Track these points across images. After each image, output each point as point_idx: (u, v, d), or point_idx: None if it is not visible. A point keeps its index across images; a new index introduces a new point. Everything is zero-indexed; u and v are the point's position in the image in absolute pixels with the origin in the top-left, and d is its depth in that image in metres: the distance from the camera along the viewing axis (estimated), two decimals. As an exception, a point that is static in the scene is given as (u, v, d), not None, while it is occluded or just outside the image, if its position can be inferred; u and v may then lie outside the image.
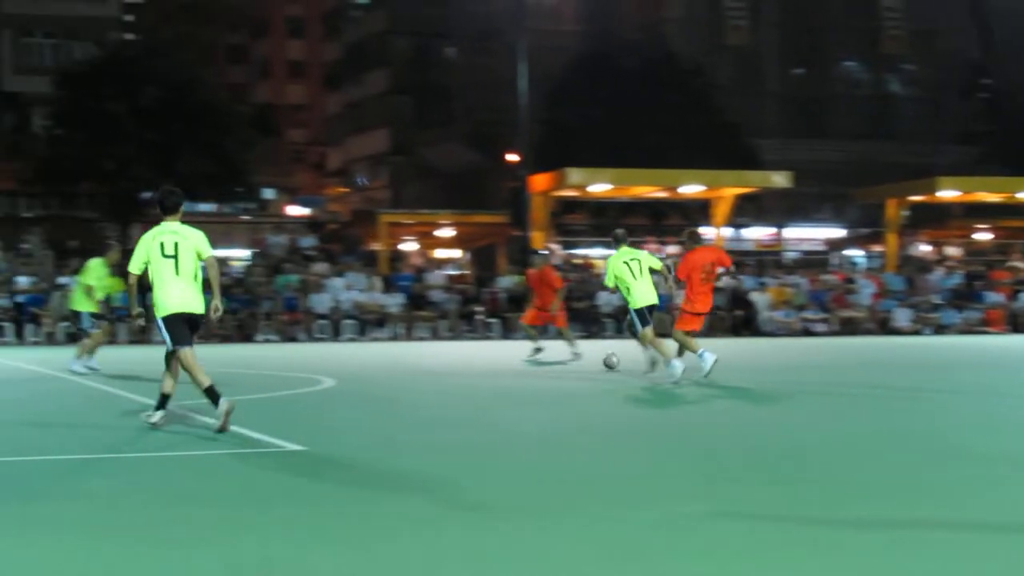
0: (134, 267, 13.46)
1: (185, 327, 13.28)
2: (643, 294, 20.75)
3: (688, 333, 20.56)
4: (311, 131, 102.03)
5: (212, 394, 12.99)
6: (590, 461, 11.42)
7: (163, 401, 13.49)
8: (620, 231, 22.03)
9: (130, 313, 13.98)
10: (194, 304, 13.31)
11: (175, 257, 13.18)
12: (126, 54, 52.61)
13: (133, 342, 39.16)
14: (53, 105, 53.40)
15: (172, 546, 7.48)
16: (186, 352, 13.25)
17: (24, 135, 61.75)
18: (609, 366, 22.94)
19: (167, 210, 13.50)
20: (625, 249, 21.24)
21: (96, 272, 24.03)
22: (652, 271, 20.95)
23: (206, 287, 13.46)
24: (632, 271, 20.73)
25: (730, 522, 8.09)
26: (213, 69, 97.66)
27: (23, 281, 40.28)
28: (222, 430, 12.70)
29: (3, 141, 62.35)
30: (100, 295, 24.13)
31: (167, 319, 13.23)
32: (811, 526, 8.03)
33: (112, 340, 38.53)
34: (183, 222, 13.52)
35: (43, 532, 7.91)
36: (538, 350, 27.47)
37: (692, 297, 20.53)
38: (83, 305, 24.02)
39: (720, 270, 21.17)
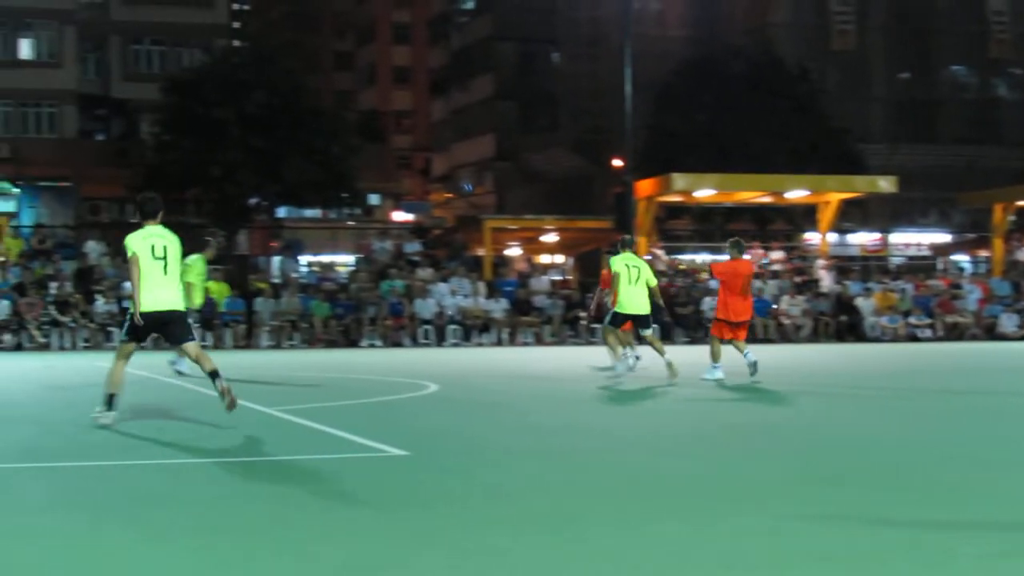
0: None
1: (147, 328, 14.28)
2: (631, 300, 21.12)
3: (722, 340, 21.25)
4: (416, 137, 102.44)
5: (110, 401, 14.18)
6: (690, 465, 11.31)
7: (214, 376, 14.08)
8: (627, 237, 22.95)
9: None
10: (174, 302, 14.23)
11: (164, 259, 14.17)
12: (233, 61, 52.94)
13: (238, 347, 39.50)
14: (161, 112, 53.86)
15: (283, 549, 7.53)
16: (127, 347, 14.47)
17: (132, 142, 62.45)
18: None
19: (147, 215, 14.43)
20: (628, 254, 21.59)
21: (196, 269, 24.13)
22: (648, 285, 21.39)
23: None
24: (629, 277, 21.12)
25: (833, 527, 7.98)
26: (319, 76, 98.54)
27: (130, 287, 40.66)
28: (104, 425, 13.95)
29: (112, 147, 63.08)
30: (199, 292, 24.31)
31: (135, 315, 14.11)
32: (916, 530, 7.90)
33: (218, 344, 38.95)
34: (165, 225, 14.46)
35: (160, 536, 7.95)
36: (637, 358, 27.38)
37: (730, 305, 21.17)
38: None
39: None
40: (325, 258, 52.77)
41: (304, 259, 50.45)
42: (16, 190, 61.64)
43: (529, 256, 53.80)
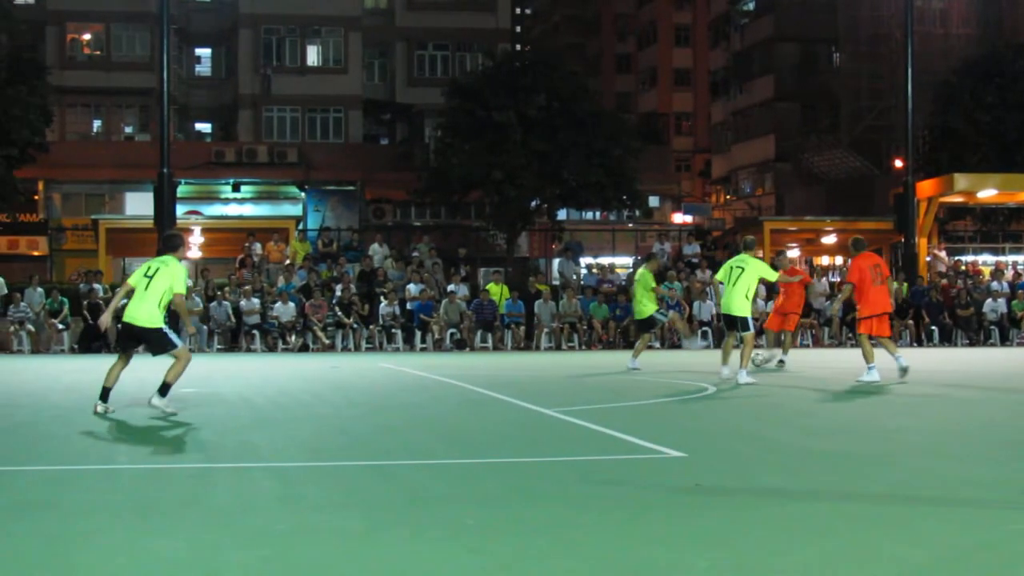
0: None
1: (127, 337, 16.24)
2: (725, 301, 21.84)
3: (871, 339, 21.28)
4: (696, 139, 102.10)
5: (105, 393, 15.96)
6: (958, 467, 11.04)
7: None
8: (749, 238, 23.21)
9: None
10: (140, 317, 15.88)
11: (151, 279, 15.96)
12: (515, 65, 53.35)
13: (517, 349, 39.82)
14: (444, 116, 54.54)
15: (562, 550, 7.56)
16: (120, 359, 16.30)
17: (415, 145, 63.45)
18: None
19: (169, 248, 16.69)
20: (742, 256, 22.10)
21: (646, 280, 26.17)
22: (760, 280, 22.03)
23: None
24: (729, 277, 21.64)
25: None
26: (600, 78, 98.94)
27: (413, 289, 41.29)
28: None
29: (395, 151, 64.22)
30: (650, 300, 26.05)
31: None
32: None
33: (498, 346, 39.38)
34: (178, 259, 16.51)
35: (438, 536, 8.07)
36: (781, 362, 26.87)
37: (869, 299, 21.24)
38: (649, 309, 26.17)
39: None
40: (604, 260, 52.87)
41: (584, 261, 50.62)
42: (303, 194, 63.18)
43: (809, 257, 53.14)
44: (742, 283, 21.46)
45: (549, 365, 30.10)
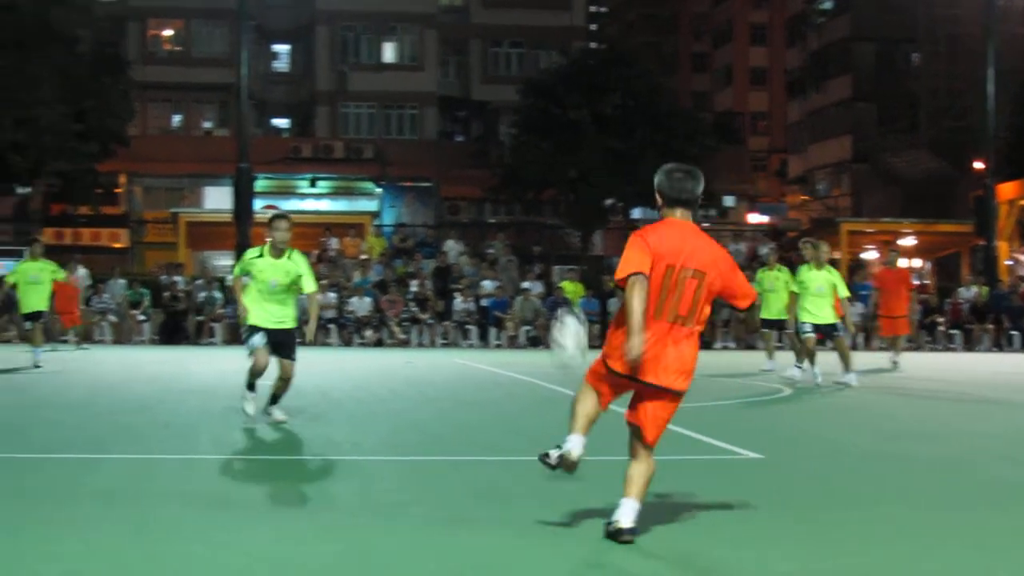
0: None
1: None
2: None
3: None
4: (772, 138, 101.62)
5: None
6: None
7: None
8: (809, 241, 23.05)
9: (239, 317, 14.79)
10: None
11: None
12: (590, 62, 53.33)
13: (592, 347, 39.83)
14: (518, 113, 54.60)
15: (631, 548, 7.59)
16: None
17: (490, 143, 63.54)
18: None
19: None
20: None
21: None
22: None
23: None
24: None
25: None
26: (676, 77, 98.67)
27: (488, 285, 41.40)
28: None
29: (470, 149, 64.35)
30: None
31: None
32: None
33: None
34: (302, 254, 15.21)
35: (517, 531, 8.18)
36: (895, 363, 26.68)
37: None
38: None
39: None
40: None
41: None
42: (379, 190, 63.45)
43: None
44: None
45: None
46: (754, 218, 75.22)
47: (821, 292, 21.25)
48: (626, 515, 7.61)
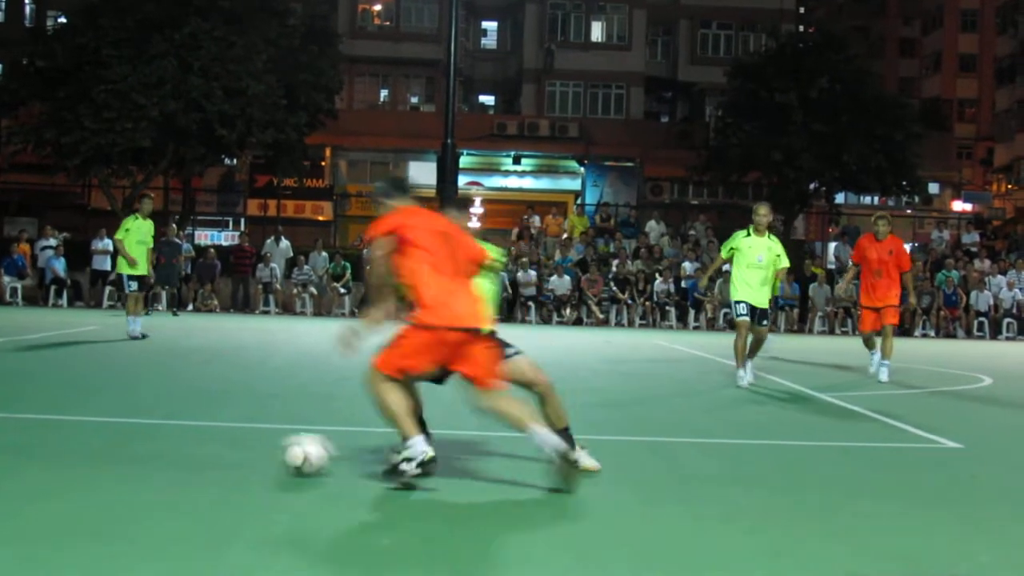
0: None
1: None
2: None
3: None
4: (979, 126, 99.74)
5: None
6: None
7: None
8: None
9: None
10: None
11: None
12: (798, 46, 52.85)
13: (790, 331, 39.55)
14: (724, 95, 54.37)
15: (834, 536, 7.67)
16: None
17: (695, 124, 63.33)
18: None
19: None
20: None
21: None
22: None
23: None
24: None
25: None
26: (883, 62, 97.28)
27: (688, 267, 41.37)
28: None
29: (675, 129, 64.13)
30: None
31: None
32: None
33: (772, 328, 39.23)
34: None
35: (714, 514, 8.25)
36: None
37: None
38: None
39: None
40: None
41: (860, 246, 49.97)
42: (582, 169, 63.60)
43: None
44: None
45: (822, 349, 29.93)
46: (958, 206, 74.03)
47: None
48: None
